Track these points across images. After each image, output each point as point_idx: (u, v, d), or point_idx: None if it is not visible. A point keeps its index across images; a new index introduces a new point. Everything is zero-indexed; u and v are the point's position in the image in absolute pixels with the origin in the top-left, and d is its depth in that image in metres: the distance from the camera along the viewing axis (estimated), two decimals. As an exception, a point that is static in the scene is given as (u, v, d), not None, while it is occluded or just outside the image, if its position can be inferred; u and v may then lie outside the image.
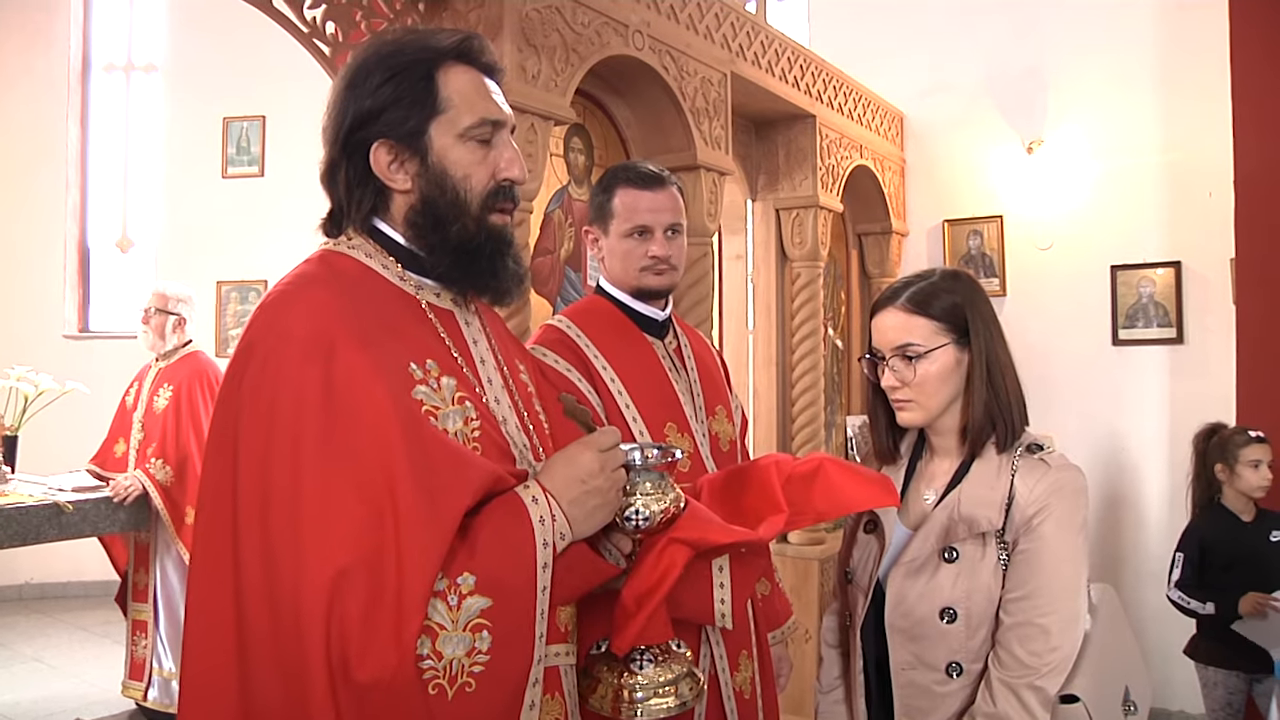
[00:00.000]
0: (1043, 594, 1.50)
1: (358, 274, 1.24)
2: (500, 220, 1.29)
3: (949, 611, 1.55)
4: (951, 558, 1.56)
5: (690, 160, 3.21)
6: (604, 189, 1.95)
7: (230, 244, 6.58)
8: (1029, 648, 1.49)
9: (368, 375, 1.10)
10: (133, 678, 4.11)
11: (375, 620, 1.02)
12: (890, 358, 1.60)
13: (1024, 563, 1.52)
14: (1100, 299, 4.67)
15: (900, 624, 1.60)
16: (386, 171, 1.24)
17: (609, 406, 1.82)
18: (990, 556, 1.54)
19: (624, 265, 1.92)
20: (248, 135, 6.72)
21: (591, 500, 1.20)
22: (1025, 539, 1.52)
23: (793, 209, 4.24)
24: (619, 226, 1.92)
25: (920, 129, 5.22)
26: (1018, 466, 1.56)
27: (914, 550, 1.59)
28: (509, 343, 1.46)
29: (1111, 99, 4.68)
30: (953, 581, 1.55)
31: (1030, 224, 4.87)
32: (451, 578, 1.08)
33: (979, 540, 1.55)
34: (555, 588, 1.17)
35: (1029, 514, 1.52)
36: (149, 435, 4.01)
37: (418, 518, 1.06)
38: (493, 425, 1.25)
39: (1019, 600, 1.51)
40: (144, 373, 4.21)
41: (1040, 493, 1.52)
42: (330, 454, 1.06)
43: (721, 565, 1.47)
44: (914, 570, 1.59)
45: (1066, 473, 1.56)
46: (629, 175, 1.94)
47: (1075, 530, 1.53)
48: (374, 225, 1.28)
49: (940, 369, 1.58)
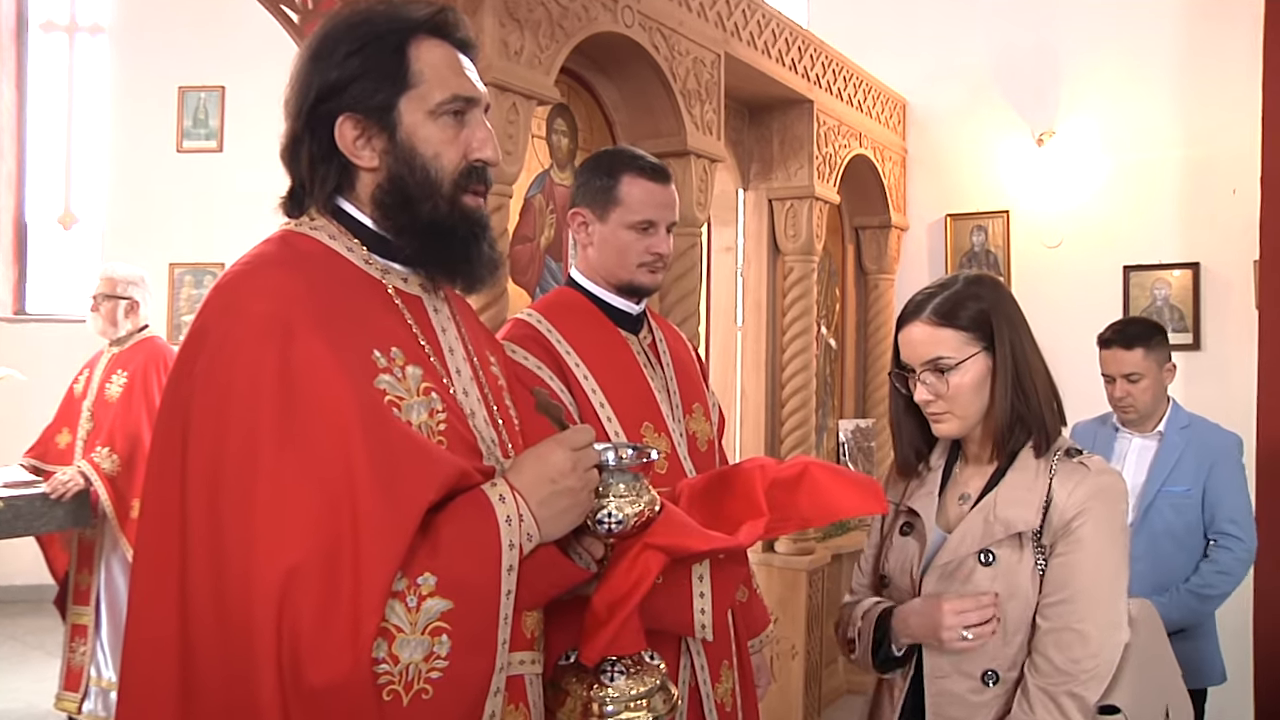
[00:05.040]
0: (1081, 599, 1.54)
1: (320, 256, 1.25)
2: (473, 202, 1.30)
3: None
4: (988, 561, 1.61)
5: (680, 145, 3.23)
6: (606, 173, 1.95)
7: (185, 223, 6.54)
8: (1067, 654, 1.53)
9: (328, 362, 1.11)
10: (68, 688, 4.05)
11: (329, 620, 1.03)
12: (921, 372, 1.66)
13: (1062, 566, 1.57)
14: (1111, 301, 4.67)
15: None
16: (352, 148, 1.25)
17: (582, 405, 1.84)
18: (1027, 560, 1.59)
19: (620, 258, 1.94)
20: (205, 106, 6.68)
21: (562, 501, 1.22)
22: (1064, 543, 1.57)
23: (787, 199, 4.26)
24: (624, 216, 1.93)
25: (924, 117, 5.25)
26: (1056, 470, 1.62)
27: (949, 552, 1.64)
28: (480, 332, 1.47)
29: (1128, 88, 4.70)
30: (989, 584, 1.60)
31: (1038, 220, 4.90)
32: (411, 578, 1.09)
33: (1016, 543, 1.60)
34: (521, 591, 1.18)
35: (1067, 517, 1.57)
36: (99, 425, 3.98)
37: (377, 514, 1.07)
38: (460, 418, 1.26)
39: (1056, 605, 1.56)
40: (95, 359, 4.18)
41: (1080, 497, 1.57)
42: (285, 444, 1.07)
43: (701, 574, 1.49)
44: (949, 573, 1.64)
45: (1107, 477, 1.61)
46: (639, 164, 1.95)
47: (1115, 535, 1.58)
48: (338, 205, 1.29)
49: (973, 379, 1.64)
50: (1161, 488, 2.95)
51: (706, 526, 1.40)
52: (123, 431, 3.91)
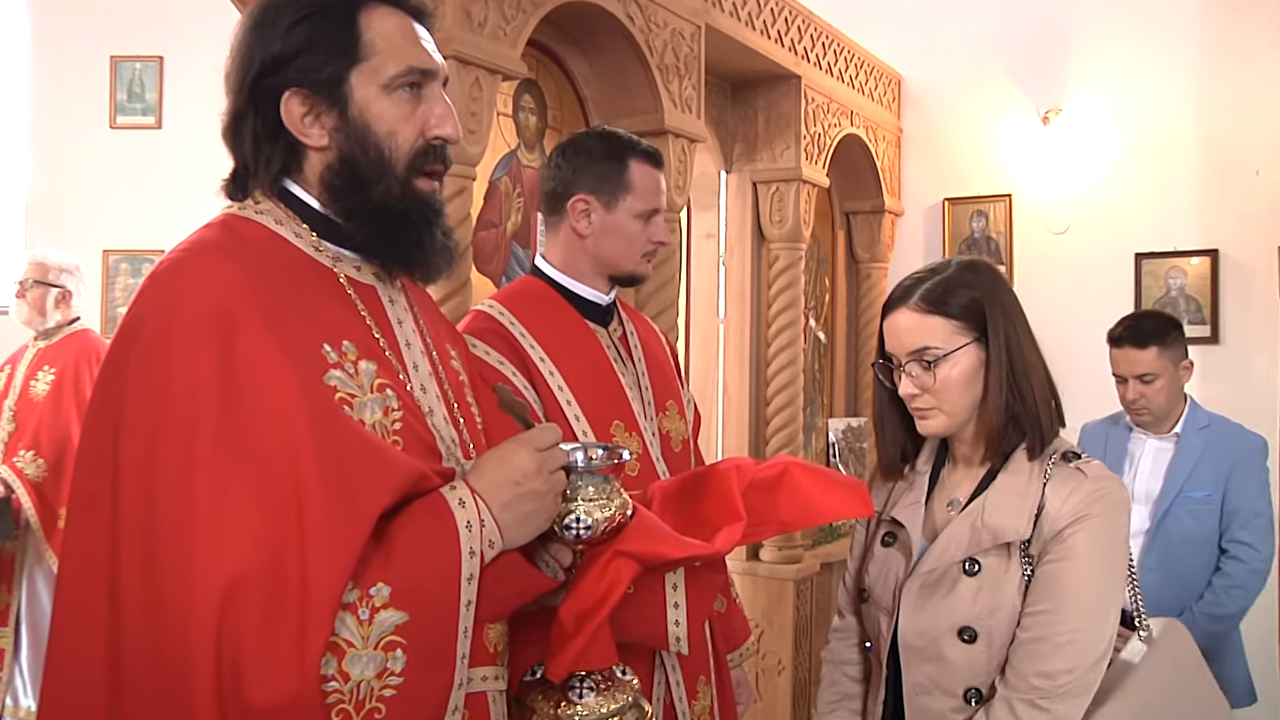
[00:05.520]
0: (1065, 610, 1.53)
1: (266, 242, 1.26)
2: (428, 186, 1.32)
3: (968, 630, 1.59)
4: (973, 570, 1.61)
5: (657, 124, 3.24)
6: (613, 156, 1.98)
7: (120, 206, 6.48)
8: (1041, 666, 1.53)
9: (274, 357, 1.12)
10: (-21, 719, 4.01)
11: (274, 634, 1.04)
12: (906, 363, 1.65)
13: (1048, 574, 1.56)
14: (1122, 291, 4.68)
15: (915, 642, 1.65)
16: (300, 125, 1.26)
17: (548, 403, 1.86)
18: (1015, 571, 1.59)
19: (626, 247, 1.99)
20: (141, 79, 6.63)
21: (526, 505, 1.23)
22: (1052, 550, 1.57)
23: (772, 183, 4.29)
24: (634, 204, 1.98)
25: (920, 94, 5.28)
26: (1050, 475, 1.61)
27: (931, 560, 1.65)
28: (439, 325, 1.49)
29: (1142, 61, 4.69)
30: (973, 597, 1.60)
31: (1043, 204, 4.91)
32: (363, 588, 1.10)
33: (1003, 552, 1.60)
34: (482, 602, 1.20)
35: (1059, 526, 1.57)
36: (22, 427, 3.94)
37: (326, 519, 1.08)
38: (417, 417, 1.28)
39: (1038, 614, 1.55)
40: (19, 354, 4.14)
41: (1074, 504, 1.57)
42: (227, 445, 1.08)
43: (675, 583, 1.51)
44: (931, 583, 1.64)
45: (1106, 484, 1.61)
46: (641, 149, 2.01)
47: (1111, 546, 1.58)
48: (285, 187, 1.30)
49: (962, 372, 1.63)
50: (1179, 493, 2.95)
51: (680, 531, 1.42)
52: (49, 434, 3.88)
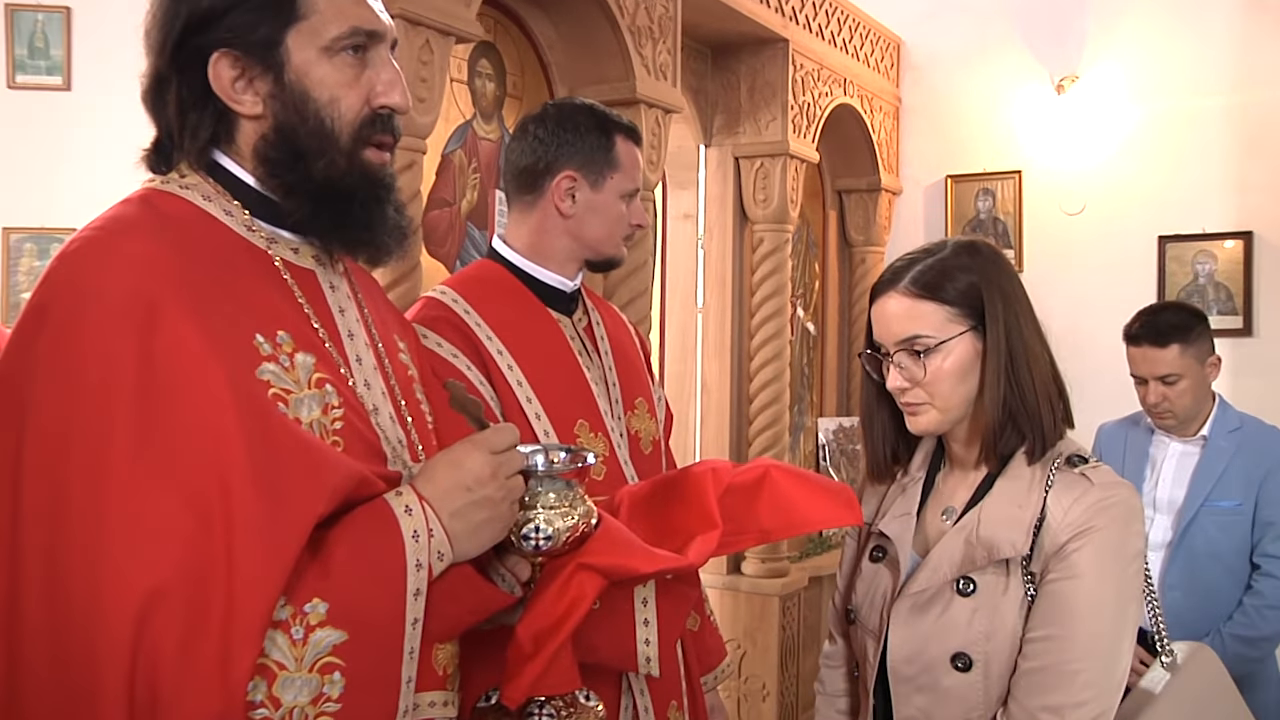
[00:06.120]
0: (1073, 636, 1.53)
1: (192, 220, 1.25)
2: (377, 158, 1.32)
3: (963, 657, 1.59)
4: (967, 590, 1.60)
5: (628, 93, 3.25)
6: (599, 130, 2.00)
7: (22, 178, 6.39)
8: (1047, 699, 1.52)
9: (200, 349, 1.12)
10: None
11: (196, 655, 1.03)
12: (895, 352, 1.65)
13: (1052, 595, 1.55)
14: (1144, 279, 4.69)
15: (905, 670, 1.65)
16: (230, 91, 1.26)
17: (505, 400, 1.87)
18: (1015, 590, 1.58)
19: (610, 229, 2.03)
20: (45, 32, 6.55)
21: (480, 513, 1.24)
22: (1055, 568, 1.56)
23: (756, 158, 4.30)
24: (621, 183, 2.01)
25: (922, 60, 5.30)
26: (1053, 482, 1.61)
27: (922, 579, 1.64)
28: (386, 314, 1.49)
29: (1168, 23, 4.68)
30: (968, 619, 1.59)
31: (1057, 182, 4.93)
32: (297, 604, 1.11)
33: (1001, 570, 1.60)
34: (430, 620, 1.21)
35: (1061, 539, 1.56)
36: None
37: (256, 527, 1.08)
38: (360, 415, 1.28)
39: (1042, 641, 1.55)
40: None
41: (1078, 514, 1.56)
42: (145, 446, 1.07)
43: (645, 598, 1.52)
44: (922, 604, 1.64)
45: (1115, 491, 1.60)
46: (621, 124, 2.04)
47: (1123, 561, 1.57)
48: (214, 160, 1.30)
49: (956, 364, 1.63)
50: (1205, 502, 2.93)
51: (650, 541, 1.44)
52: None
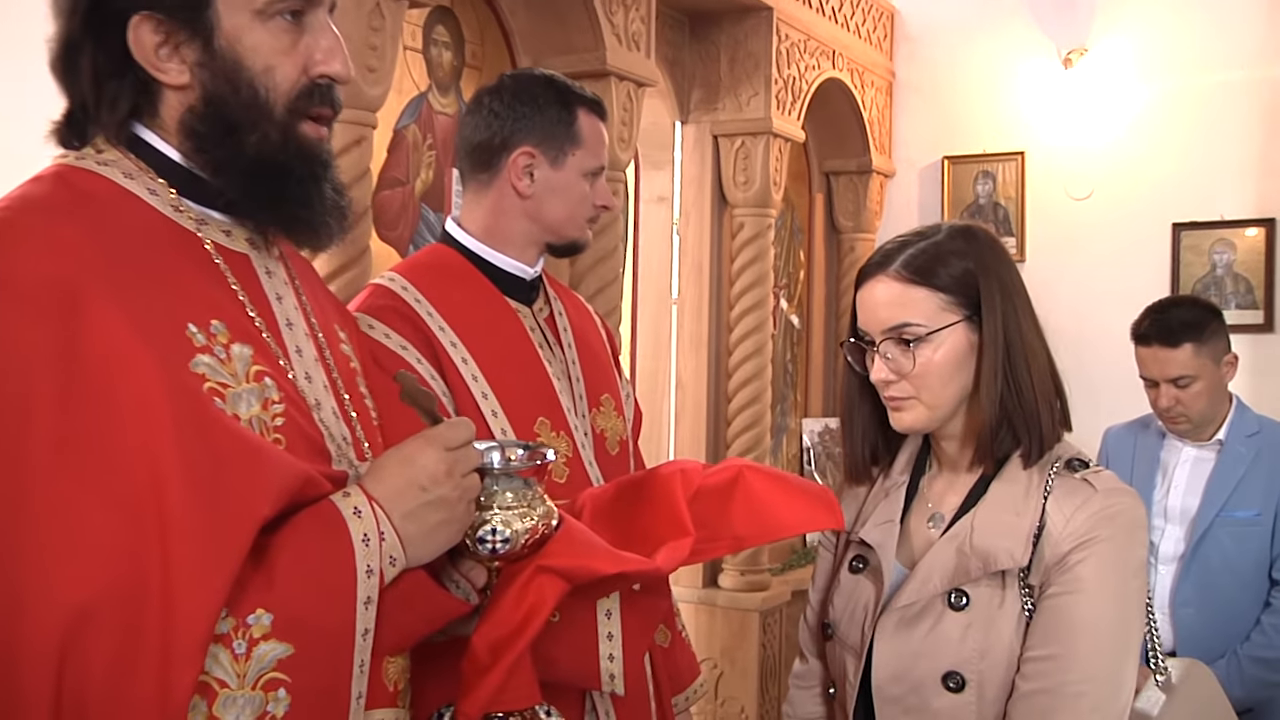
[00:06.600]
0: (1076, 655, 1.53)
1: (112, 200, 1.25)
2: (314, 133, 1.33)
3: (955, 677, 1.59)
4: (960, 604, 1.61)
5: (598, 65, 3.25)
6: (560, 103, 2.01)
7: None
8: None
9: (127, 340, 1.12)
10: None
11: (130, 677, 1.04)
12: (881, 342, 1.66)
13: (1053, 611, 1.56)
14: (1157, 269, 4.71)
15: (891, 690, 1.65)
16: (153, 59, 1.25)
17: (460, 396, 1.87)
18: (1011, 605, 1.59)
19: (572, 210, 2.03)
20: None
21: (434, 514, 1.26)
22: (1057, 581, 1.57)
23: (737, 136, 4.31)
24: (583, 160, 2.02)
25: (918, 32, 5.33)
26: (1052, 487, 1.62)
27: (911, 592, 1.65)
28: (325, 302, 1.50)
29: None
30: (961, 636, 1.60)
31: (1063, 164, 4.95)
32: (239, 616, 1.11)
33: (996, 582, 1.60)
34: (382, 631, 1.22)
35: (1063, 550, 1.57)
36: None
37: (194, 534, 1.09)
38: (302, 411, 1.29)
39: (1043, 661, 1.55)
40: None
41: (1081, 523, 1.58)
42: (68, 448, 1.07)
43: (609, 610, 1.53)
44: (910, 619, 1.64)
45: (1119, 499, 1.61)
46: (584, 97, 2.05)
47: (1127, 574, 1.58)
48: (135, 134, 1.30)
49: (947, 356, 1.64)
50: (1220, 512, 2.94)
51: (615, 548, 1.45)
52: None
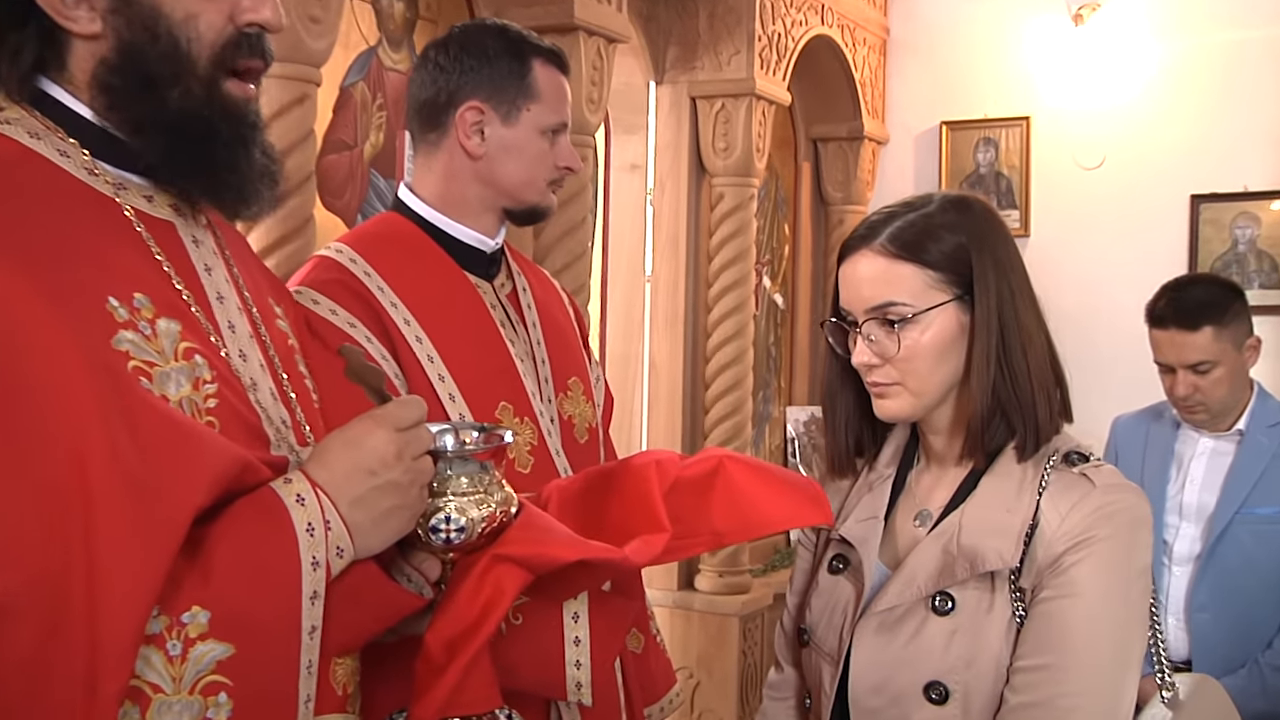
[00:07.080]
0: (1070, 666, 1.53)
1: (16, 162, 1.24)
2: (240, 91, 1.33)
3: (938, 688, 1.59)
4: (945, 608, 1.61)
5: (564, 17, 3.25)
6: (512, 55, 2.00)
7: None
8: None
9: (42, 315, 1.12)
10: None
11: (50, 679, 1.04)
12: (865, 322, 1.66)
13: (1046, 616, 1.56)
14: (1173, 245, 4.75)
15: (869, 701, 1.66)
16: (59, 5, 1.24)
17: (413, 378, 1.87)
18: (1000, 609, 1.59)
19: (529, 172, 2.02)
20: None
21: (384, 500, 1.26)
22: (1051, 584, 1.56)
23: (717, 98, 4.32)
24: (539, 116, 2.00)
25: (914, -15, 5.34)
26: (1048, 482, 1.62)
27: (892, 595, 1.65)
28: (257, 275, 1.50)
29: None
30: (946, 643, 1.59)
31: (1072, 130, 4.98)
32: (173, 615, 1.11)
33: (985, 584, 1.60)
34: (330, 629, 1.23)
35: (1057, 550, 1.56)
36: None
37: (122, 526, 1.08)
38: (236, 391, 1.30)
39: (1033, 671, 1.55)
40: None
41: (1077, 521, 1.57)
42: None
43: (576, 612, 1.54)
44: (891, 624, 1.64)
45: (1120, 495, 1.60)
46: (540, 47, 2.03)
47: (1128, 577, 1.58)
48: (41, 89, 1.29)
49: (936, 339, 1.63)
50: (1241, 509, 2.95)
51: (581, 537, 1.45)
52: None
